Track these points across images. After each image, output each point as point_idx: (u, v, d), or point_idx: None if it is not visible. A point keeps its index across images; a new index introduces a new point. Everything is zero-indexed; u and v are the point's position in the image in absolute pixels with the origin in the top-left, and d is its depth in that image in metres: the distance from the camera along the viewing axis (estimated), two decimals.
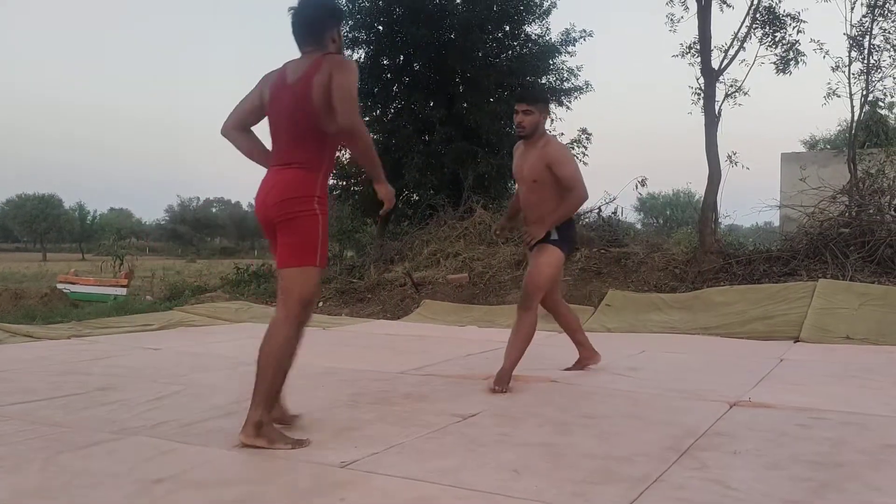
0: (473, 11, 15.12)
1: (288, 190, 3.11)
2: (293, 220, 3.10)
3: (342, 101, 3.04)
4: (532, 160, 4.48)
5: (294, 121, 3.15)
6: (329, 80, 3.07)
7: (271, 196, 3.14)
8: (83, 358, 5.54)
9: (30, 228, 70.27)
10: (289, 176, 3.12)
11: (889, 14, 12.40)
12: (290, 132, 3.17)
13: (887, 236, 8.76)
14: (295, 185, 3.11)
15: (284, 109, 3.18)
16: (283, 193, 3.11)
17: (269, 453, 2.97)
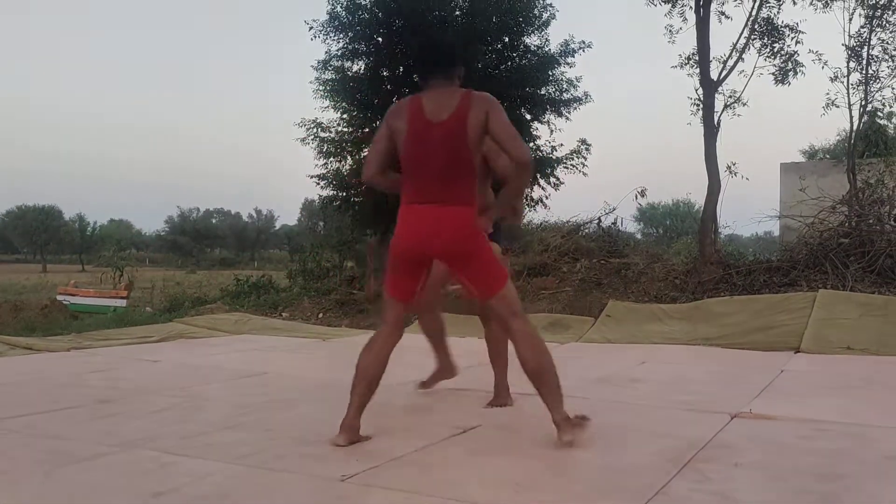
0: (473, 23, 15.16)
1: (463, 227, 3.21)
2: (474, 253, 3.24)
3: (512, 138, 3.14)
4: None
5: (451, 159, 3.19)
6: (486, 119, 3.15)
7: (445, 233, 3.20)
8: (83, 370, 5.53)
9: (30, 240, 70.31)
10: (456, 213, 3.21)
11: (887, 25, 12.44)
12: (444, 170, 3.20)
13: (887, 246, 8.76)
14: (467, 222, 3.22)
15: (436, 148, 3.20)
16: (458, 230, 3.21)
17: (269, 467, 2.96)
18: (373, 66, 15.72)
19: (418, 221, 3.22)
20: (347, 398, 3.64)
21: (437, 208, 3.20)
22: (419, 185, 3.23)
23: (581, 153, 16.49)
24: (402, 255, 3.29)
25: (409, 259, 3.29)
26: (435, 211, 3.20)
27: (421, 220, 3.22)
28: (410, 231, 3.24)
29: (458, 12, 15.62)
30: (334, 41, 15.53)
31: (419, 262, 3.29)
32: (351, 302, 10.48)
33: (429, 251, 3.25)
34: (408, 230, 3.25)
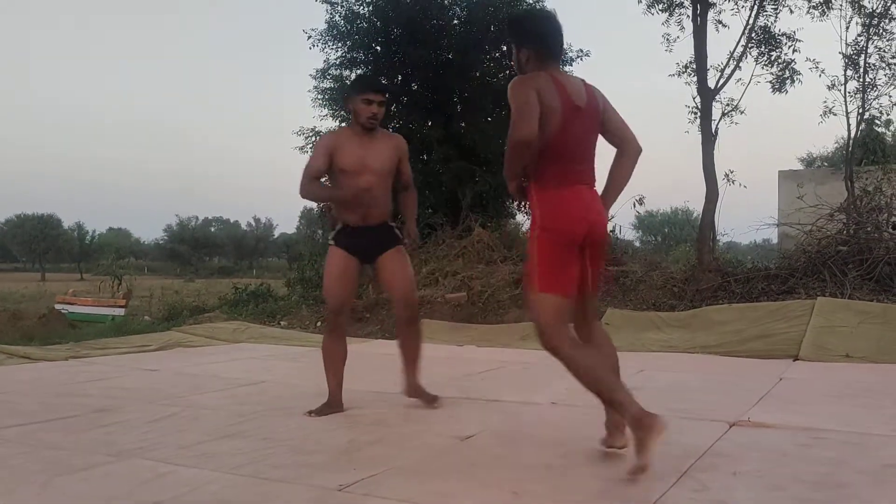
0: (471, 32, 15.22)
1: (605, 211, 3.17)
2: (606, 244, 3.20)
3: (628, 127, 3.20)
4: (383, 152, 4.32)
5: (593, 143, 3.17)
6: (606, 108, 3.17)
7: (602, 218, 3.13)
8: (81, 379, 5.52)
9: (28, 248, 70.21)
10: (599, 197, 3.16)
11: (884, 33, 12.49)
12: (591, 153, 3.16)
13: (885, 254, 8.77)
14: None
15: (587, 132, 3.13)
16: (605, 214, 3.16)
17: (266, 477, 2.95)
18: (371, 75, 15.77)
19: (580, 200, 3.04)
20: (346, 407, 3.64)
21: (591, 190, 3.13)
22: (573, 167, 3.07)
23: None
24: (572, 240, 2.99)
25: (574, 239, 3.01)
26: (591, 193, 3.13)
27: (582, 200, 3.05)
28: (577, 209, 3.01)
29: (455, 21, 15.69)
30: (333, 50, 15.60)
31: (577, 243, 3.03)
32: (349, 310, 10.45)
33: (593, 235, 3.06)
34: (575, 208, 3.01)
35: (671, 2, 12.70)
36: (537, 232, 3.00)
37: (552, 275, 2.97)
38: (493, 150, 15.15)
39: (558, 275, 2.98)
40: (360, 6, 15.39)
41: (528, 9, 3.70)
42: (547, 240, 2.98)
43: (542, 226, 3.00)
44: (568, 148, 3.04)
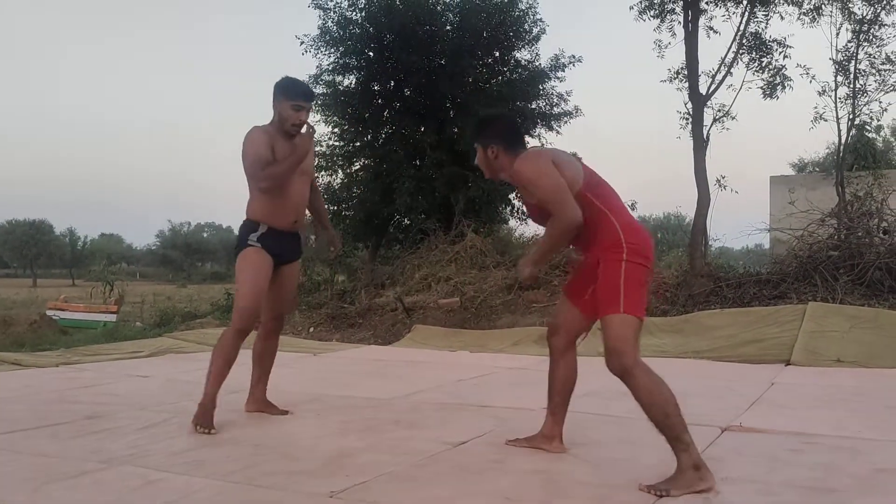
0: (464, 38, 15.24)
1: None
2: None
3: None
4: (311, 154, 4.25)
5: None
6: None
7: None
8: (71, 386, 5.49)
9: (20, 254, 69.94)
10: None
11: (874, 39, 12.56)
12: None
13: (876, 259, 8.81)
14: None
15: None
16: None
17: (257, 483, 2.94)
18: (364, 81, 15.78)
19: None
20: (337, 413, 3.63)
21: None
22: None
23: None
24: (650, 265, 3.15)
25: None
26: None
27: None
28: (648, 233, 3.22)
29: (448, 27, 15.70)
30: (325, 55, 15.59)
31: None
32: (342, 316, 10.44)
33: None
34: (648, 235, 3.20)
35: (663, 8, 12.75)
36: (625, 256, 2.99)
37: (642, 300, 3.03)
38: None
39: (645, 298, 3.08)
40: (353, 12, 15.39)
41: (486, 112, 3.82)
42: (637, 265, 3.01)
43: (630, 250, 3.00)
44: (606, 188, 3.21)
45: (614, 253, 2.99)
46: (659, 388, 2.86)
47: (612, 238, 3.00)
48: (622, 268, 2.97)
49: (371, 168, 15.99)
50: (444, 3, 15.76)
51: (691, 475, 2.75)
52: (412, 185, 14.64)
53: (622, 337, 2.93)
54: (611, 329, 2.95)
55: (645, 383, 2.87)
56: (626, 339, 2.92)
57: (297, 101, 4.08)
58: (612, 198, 3.15)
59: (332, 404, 4.70)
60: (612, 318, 2.95)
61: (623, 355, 2.91)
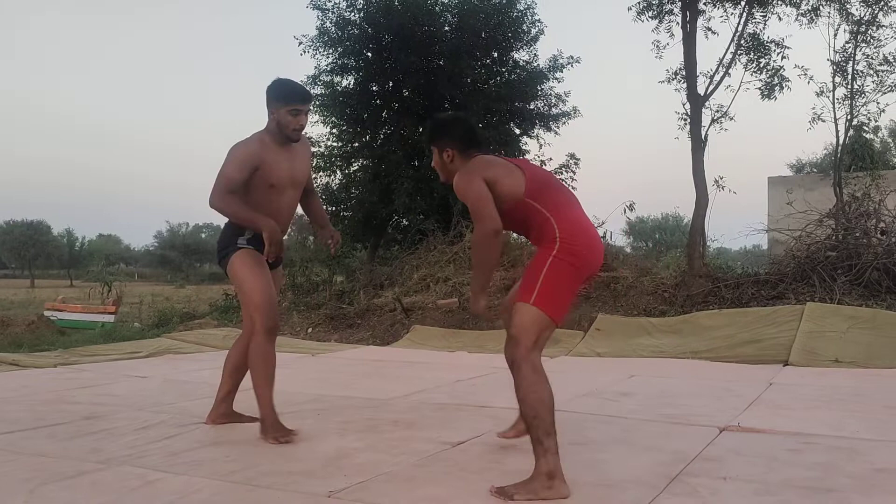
0: (462, 38, 15.26)
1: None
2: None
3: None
4: (304, 164, 4.10)
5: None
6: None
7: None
8: (69, 386, 5.48)
9: (18, 255, 69.79)
10: None
11: (871, 40, 12.59)
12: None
13: (874, 259, 8.82)
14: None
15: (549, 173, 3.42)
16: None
17: (256, 484, 2.94)
18: (362, 81, 15.79)
19: (593, 229, 3.16)
20: (335, 414, 3.62)
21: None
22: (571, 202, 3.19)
23: (570, 167, 16.60)
24: (594, 266, 3.07)
25: (593, 272, 3.12)
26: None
27: (593, 230, 3.17)
28: (596, 238, 3.12)
29: (447, 28, 15.72)
30: (324, 56, 15.60)
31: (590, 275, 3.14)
32: (340, 317, 10.44)
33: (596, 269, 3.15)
34: (594, 238, 3.11)
35: (661, 9, 12.76)
36: (555, 251, 2.92)
37: (565, 303, 2.98)
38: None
39: (566, 304, 3.00)
40: (352, 12, 15.41)
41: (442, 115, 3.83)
42: (567, 263, 2.92)
43: (562, 247, 2.92)
44: (553, 185, 3.20)
45: (546, 247, 2.96)
46: (537, 387, 2.78)
47: (549, 236, 2.97)
48: (548, 261, 2.92)
49: (370, 169, 16.00)
50: (442, 4, 15.78)
51: (542, 482, 2.68)
52: (411, 186, 14.65)
53: (523, 326, 2.87)
54: (516, 316, 2.91)
55: (527, 378, 2.79)
56: (525, 330, 2.86)
57: (294, 104, 3.86)
58: (557, 201, 3.07)
59: (331, 405, 4.70)
60: (521, 307, 2.91)
61: (517, 345, 2.85)
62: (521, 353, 2.83)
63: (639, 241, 54.23)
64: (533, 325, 2.87)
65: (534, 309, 2.87)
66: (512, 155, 16.54)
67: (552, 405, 2.78)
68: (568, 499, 2.74)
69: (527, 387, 2.78)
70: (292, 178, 3.97)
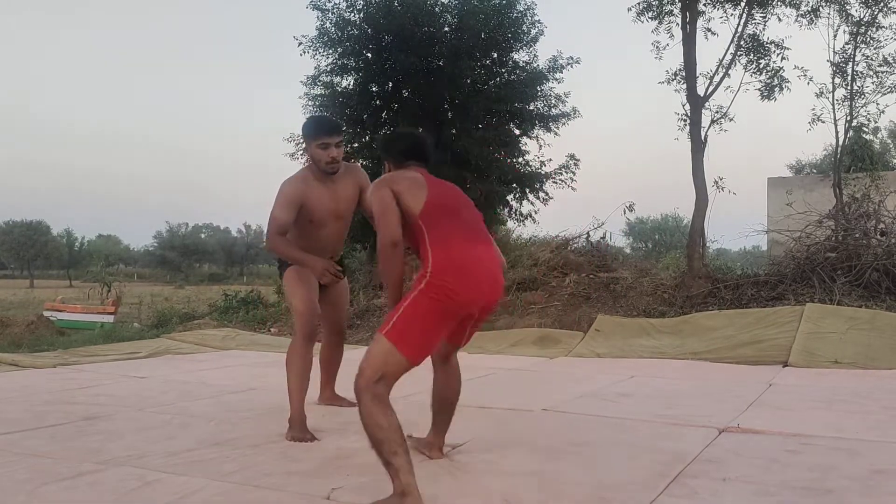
0: (462, 39, 15.25)
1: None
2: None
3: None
4: (348, 193, 4.21)
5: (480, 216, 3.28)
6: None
7: (502, 278, 3.16)
8: (69, 387, 5.48)
9: (17, 255, 69.84)
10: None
11: (871, 41, 12.58)
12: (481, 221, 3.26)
13: (874, 260, 8.82)
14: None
15: (468, 202, 3.29)
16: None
17: (256, 484, 2.94)
18: (362, 82, 15.77)
19: (488, 261, 3.09)
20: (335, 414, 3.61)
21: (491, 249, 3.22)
22: (465, 225, 3.13)
23: (570, 168, 16.61)
24: (480, 303, 3.02)
25: (476, 309, 3.03)
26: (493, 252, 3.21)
27: (491, 261, 3.11)
28: (487, 273, 3.04)
29: (446, 28, 15.71)
30: (323, 56, 15.59)
31: (475, 312, 3.07)
32: None
33: (490, 303, 3.09)
34: (485, 272, 3.03)
35: (661, 10, 12.76)
36: (422, 286, 2.87)
37: (416, 337, 2.85)
38: (484, 158, 15.17)
39: (426, 343, 2.89)
40: (351, 13, 15.39)
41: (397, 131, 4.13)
42: (433, 300, 2.85)
43: (430, 283, 2.87)
44: (449, 205, 3.14)
45: (418, 280, 2.90)
46: (376, 416, 2.69)
47: (423, 268, 2.92)
48: (413, 296, 2.86)
49: (369, 169, 15.89)
50: (442, 5, 15.77)
51: (396, 501, 2.62)
52: None
53: (370, 356, 2.82)
54: (371, 344, 2.89)
55: (366, 407, 2.72)
56: (371, 361, 2.80)
57: (322, 138, 4.00)
58: (447, 233, 2.98)
59: (331, 405, 4.70)
60: (376, 336, 2.88)
61: (360, 375, 2.79)
62: (360, 383, 2.77)
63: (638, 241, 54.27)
64: (380, 357, 2.80)
65: (386, 342, 2.81)
66: (511, 156, 16.56)
67: (395, 426, 2.68)
68: (568, 500, 2.74)
69: (366, 416, 2.71)
70: (335, 211, 4.16)
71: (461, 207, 3.18)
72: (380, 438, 2.67)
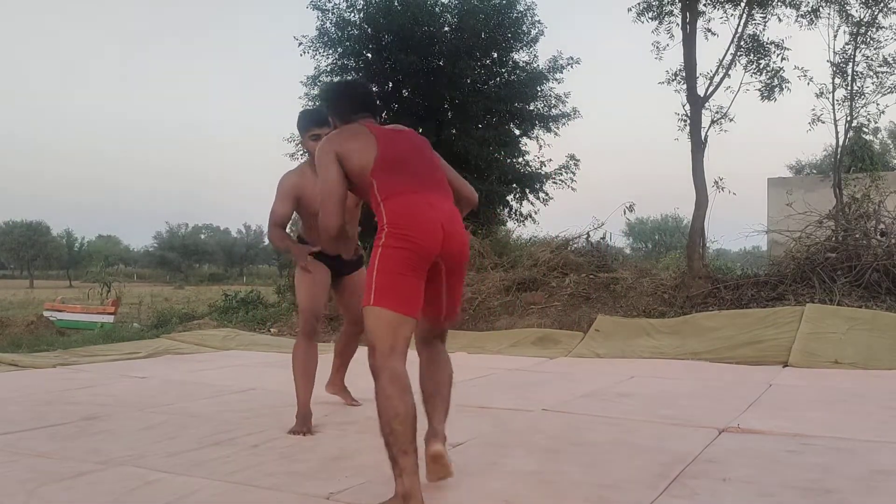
0: (462, 39, 15.27)
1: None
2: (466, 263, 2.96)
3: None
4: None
5: (435, 165, 3.05)
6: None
7: (461, 229, 2.88)
8: (69, 387, 5.48)
9: (17, 255, 69.89)
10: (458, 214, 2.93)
11: (871, 42, 12.59)
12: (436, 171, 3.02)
13: (874, 261, 8.81)
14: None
15: (420, 151, 3.03)
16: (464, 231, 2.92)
17: (256, 484, 2.94)
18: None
19: (434, 209, 2.82)
20: (335, 414, 3.61)
21: (448, 201, 2.95)
22: (416, 178, 2.91)
23: (570, 168, 16.63)
24: (431, 249, 2.76)
25: (429, 256, 2.76)
26: (449, 203, 2.94)
27: (439, 209, 2.83)
28: (435, 220, 2.78)
29: (446, 28, 15.73)
30: (323, 57, 15.61)
31: (431, 260, 2.79)
32: (339, 318, 10.40)
33: (452, 248, 2.82)
34: (432, 219, 2.78)
35: (661, 10, 12.77)
36: (382, 240, 2.72)
37: (398, 290, 2.69)
38: (484, 157, 15.19)
39: (409, 292, 2.71)
40: (352, 13, 15.42)
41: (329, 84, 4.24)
42: (395, 249, 2.69)
43: (388, 234, 2.71)
44: (400, 158, 2.92)
45: (376, 239, 2.73)
46: (394, 401, 2.54)
47: (379, 225, 2.75)
48: (377, 255, 2.70)
49: None
50: (442, 5, 15.79)
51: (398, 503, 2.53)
52: None
53: (370, 331, 2.67)
54: (364, 322, 2.72)
55: (384, 390, 2.56)
56: (374, 335, 2.65)
57: (312, 130, 4.09)
58: (398, 186, 2.81)
59: (331, 405, 4.70)
60: (364, 311, 2.71)
61: (371, 353, 2.65)
62: (375, 361, 2.63)
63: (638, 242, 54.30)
64: (379, 326, 2.65)
65: (376, 309, 2.66)
66: (511, 156, 16.57)
67: (411, 419, 2.55)
68: (569, 501, 2.74)
69: (382, 400, 2.55)
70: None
71: (412, 158, 2.94)
72: (394, 430, 2.51)
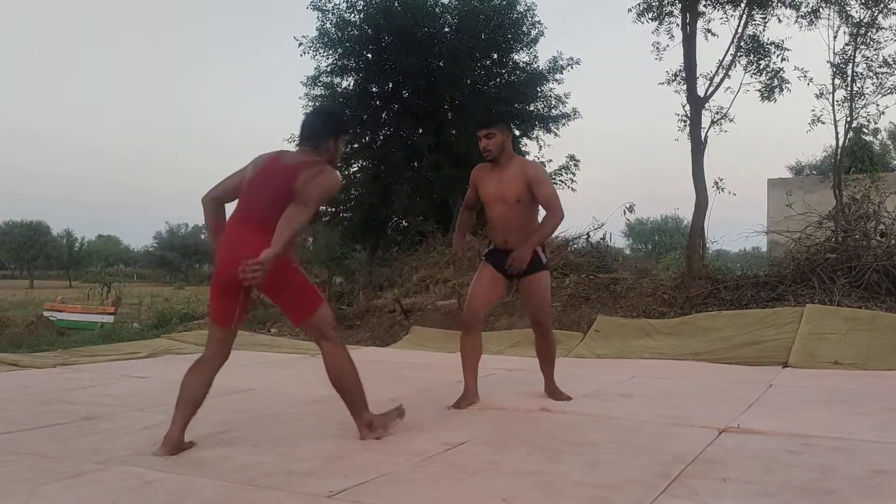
0: (462, 39, 15.26)
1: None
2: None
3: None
4: (511, 180, 4.54)
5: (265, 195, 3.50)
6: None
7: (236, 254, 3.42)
8: (69, 387, 5.48)
9: (17, 255, 69.85)
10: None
11: (871, 42, 12.57)
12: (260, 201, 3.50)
13: (873, 261, 8.81)
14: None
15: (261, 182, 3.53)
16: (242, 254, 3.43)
17: (256, 484, 2.94)
18: (362, 82, 15.79)
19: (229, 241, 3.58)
20: (335, 414, 3.61)
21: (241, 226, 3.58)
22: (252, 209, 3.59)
23: (570, 169, 16.63)
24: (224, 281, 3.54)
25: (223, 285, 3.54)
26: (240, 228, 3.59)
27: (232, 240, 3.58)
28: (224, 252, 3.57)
29: (447, 29, 15.74)
30: (324, 57, 15.61)
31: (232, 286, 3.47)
32: (340, 318, 10.42)
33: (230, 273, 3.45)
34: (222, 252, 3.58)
35: (661, 11, 12.76)
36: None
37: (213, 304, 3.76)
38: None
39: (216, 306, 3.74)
40: (352, 14, 15.42)
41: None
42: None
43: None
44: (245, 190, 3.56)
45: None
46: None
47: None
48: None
49: (369, 170, 16.00)
50: (442, 5, 15.80)
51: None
52: (410, 187, 14.65)
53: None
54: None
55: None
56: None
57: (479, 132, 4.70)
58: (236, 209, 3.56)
59: (331, 405, 4.68)
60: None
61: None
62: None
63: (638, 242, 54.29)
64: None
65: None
66: None
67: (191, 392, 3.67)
68: (568, 500, 2.74)
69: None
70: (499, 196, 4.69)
71: (254, 190, 3.49)
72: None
